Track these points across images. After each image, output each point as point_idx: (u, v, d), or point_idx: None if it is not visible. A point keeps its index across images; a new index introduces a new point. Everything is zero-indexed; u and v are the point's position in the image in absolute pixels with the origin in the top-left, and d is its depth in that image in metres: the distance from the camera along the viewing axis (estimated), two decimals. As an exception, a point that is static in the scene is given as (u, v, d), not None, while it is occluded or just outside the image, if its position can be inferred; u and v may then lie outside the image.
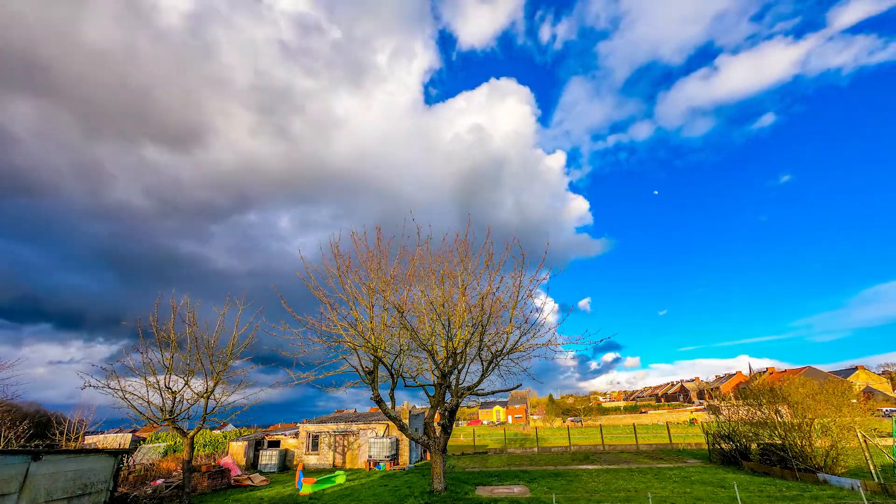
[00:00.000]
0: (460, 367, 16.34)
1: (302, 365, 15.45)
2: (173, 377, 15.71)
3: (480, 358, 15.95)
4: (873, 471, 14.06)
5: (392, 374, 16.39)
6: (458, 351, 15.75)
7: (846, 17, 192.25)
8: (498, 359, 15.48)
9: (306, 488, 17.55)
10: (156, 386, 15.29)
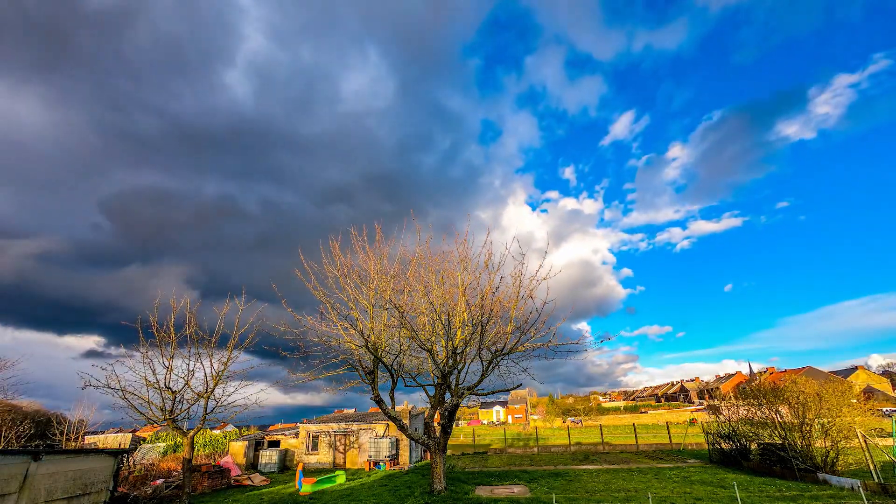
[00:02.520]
0: (460, 366, 16.34)
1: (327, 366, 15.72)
2: (173, 377, 15.73)
3: (480, 358, 15.95)
4: (873, 471, 14.06)
5: (392, 374, 16.39)
6: (458, 351, 15.75)
7: (779, 204, 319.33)
8: (498, 358, 15.48)
9: (306, 488, 17.56)
10: (156, 386, 15.29)
